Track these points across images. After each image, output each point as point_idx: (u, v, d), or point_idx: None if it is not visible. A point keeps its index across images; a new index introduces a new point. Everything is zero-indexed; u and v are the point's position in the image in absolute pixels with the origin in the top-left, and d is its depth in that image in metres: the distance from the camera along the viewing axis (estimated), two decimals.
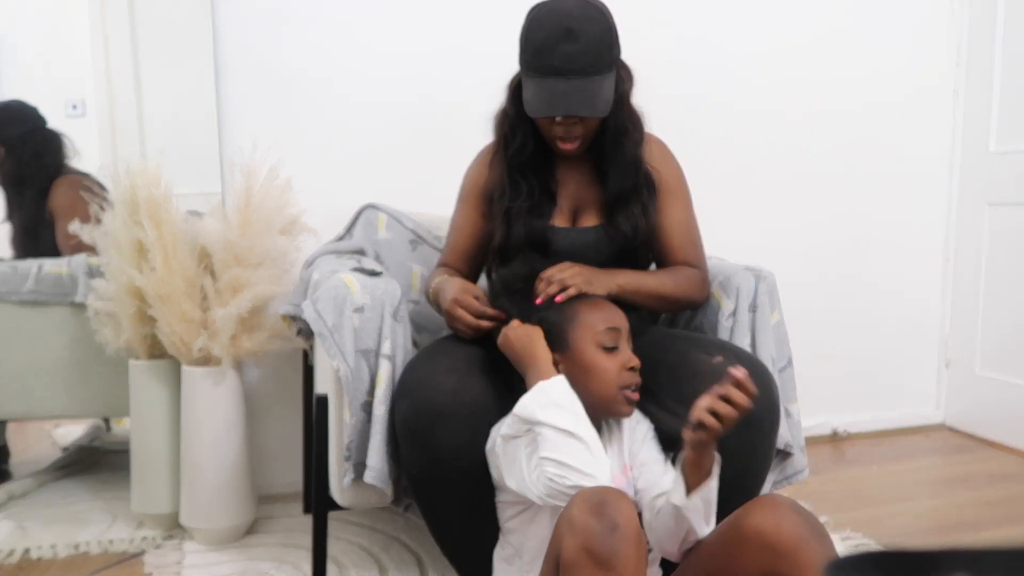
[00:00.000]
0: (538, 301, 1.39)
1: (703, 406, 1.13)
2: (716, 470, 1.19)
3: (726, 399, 1.13)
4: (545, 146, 1.58)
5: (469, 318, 1.44)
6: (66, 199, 2.19)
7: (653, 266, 1.68)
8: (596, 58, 1.42)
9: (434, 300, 1.60)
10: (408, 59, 2.24)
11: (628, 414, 1.36)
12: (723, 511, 1.23)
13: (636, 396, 1.35)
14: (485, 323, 1.43)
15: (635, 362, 1.35)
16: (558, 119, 1.46)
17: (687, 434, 1.16)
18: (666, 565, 1.34)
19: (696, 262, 1.63)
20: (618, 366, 1.34)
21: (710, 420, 1.12)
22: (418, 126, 2.25)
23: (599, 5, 1.47)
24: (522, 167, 1.57)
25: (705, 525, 1.21)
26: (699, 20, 2.48)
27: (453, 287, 1.49)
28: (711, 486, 1.19)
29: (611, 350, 1.34)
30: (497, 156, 1.60)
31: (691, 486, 1.19)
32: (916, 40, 2.69)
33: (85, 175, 2.19)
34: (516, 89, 1.53)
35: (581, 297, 1.39)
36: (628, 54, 1.55)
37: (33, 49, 2.19)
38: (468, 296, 1.45)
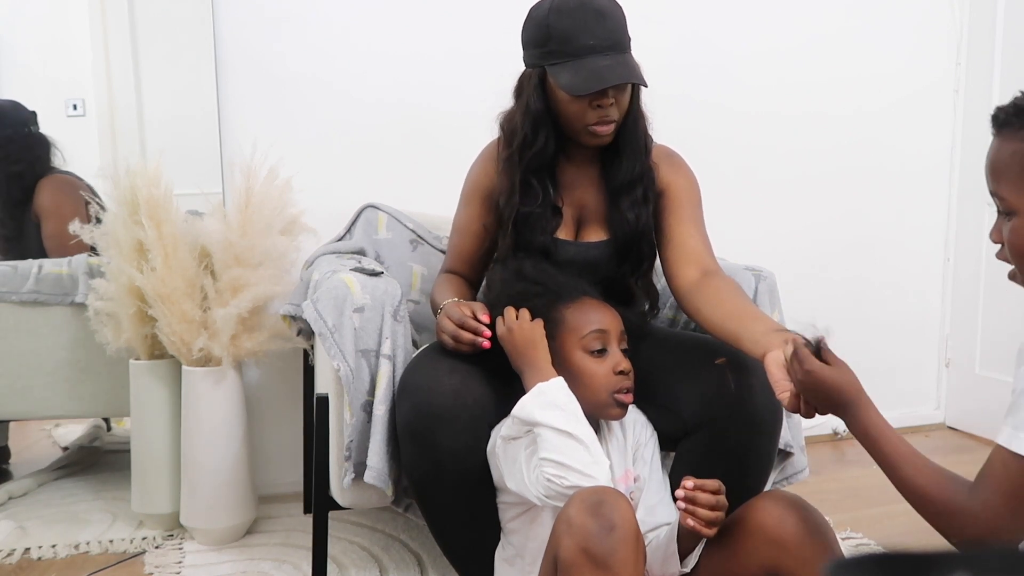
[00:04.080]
0: None
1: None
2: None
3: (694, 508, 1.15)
4: (555, 150, 1.55)
5: (464, 334, 1.39)
6: (51, 200, 2.18)
7: (658, 266, 1.68)
8: (624, 35, 1.46)
9: (433, 310, 1.58)
10: (408, 60, 2.24)
11: (619, 417, 1.35)
12: (726, 511, 1.23)
13: (628, 399, 1.34)
14: (472, 338, 1.40)
15: (624, 365, 1.33)
16: (596, 101, 1.44)
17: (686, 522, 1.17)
18: None
19: (718, 267, 1.57)
20: (606, 371, 1.32)
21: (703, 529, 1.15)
22: (418, 126, 2.25)
23: None
24: (539, 170, 1.54)
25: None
26: (699, 20, 2.48)
27: (443, 309, 1.47)
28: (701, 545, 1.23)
29: (599, 354, 1.33)
30: (508, 162, 1.55)
31: (684, 552, 1.23)
32: (916, 40, 2.69)
33: (70, 175, 2.19)
34: (538, 84, 1.50)
35: (566, 299, 1.38)
36: None
37: (33, 49, 2.19)
38: (454, 308, 1.43)
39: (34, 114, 2.16)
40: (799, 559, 1.11)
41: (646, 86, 1.48)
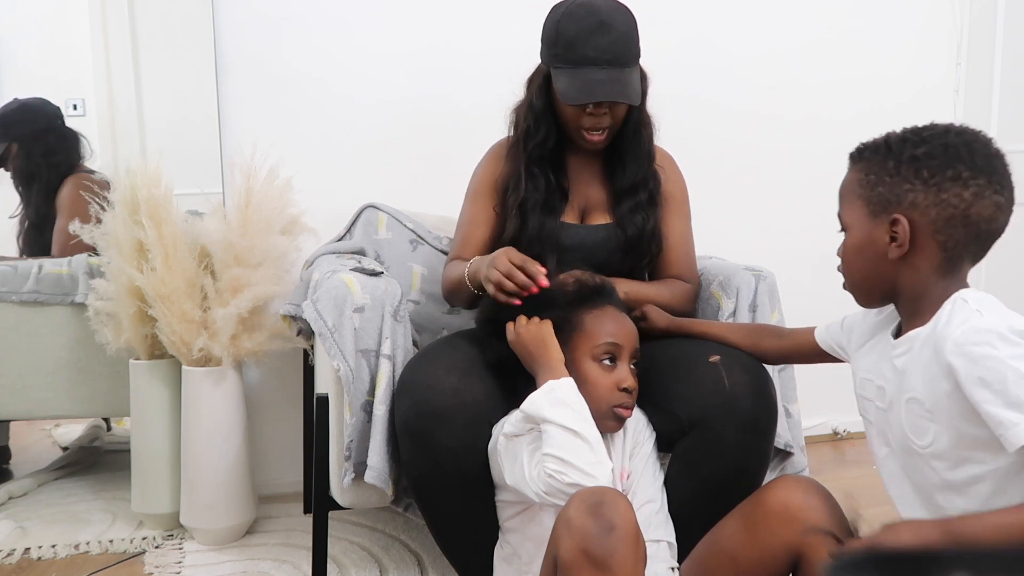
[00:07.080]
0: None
1: None
2: None
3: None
4: (561, 143, 1.62)
5: (518, 275, 1.35)
6: (69, 197, 2.19)
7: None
8: (626, 50, 1.50)
9: (472, 277, 1.51)
10: (408, 59, 2.24)
11: (614, 430, 1.36)
12: (721, 512, 1.23)
13: (627, 413, 1.34)
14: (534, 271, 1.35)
15: (629, 383, 1.33)
16: (589, 109, 1.50)
17: None
18: (680, 549, 1.35)
19: (690, 277, 1.68)
20: (610, 384, 1.32)
21: None
22: (418, 126, 2.25)
23: (623, 2, 1.54)
24: (541, 160, 1.60)
25: None
26: (701, 21, 2.48)
27: (496, 252, 1.43)
28: None
29: (608, 365, 1.33)
30: (514, 149, 1.63)
31: None
32: (917, 41, 2.69)
33: (95, 173, 2.20)
34: (543, 82, 1.57)
35: (589, 304, 1.37)
36: None
37: (33, 49, 2.19)
38: (514, 251, 1.39)
39: (59, 109, 2.18)
40: (822, 536, 1.12)
41: (636, 104, 1.53)
